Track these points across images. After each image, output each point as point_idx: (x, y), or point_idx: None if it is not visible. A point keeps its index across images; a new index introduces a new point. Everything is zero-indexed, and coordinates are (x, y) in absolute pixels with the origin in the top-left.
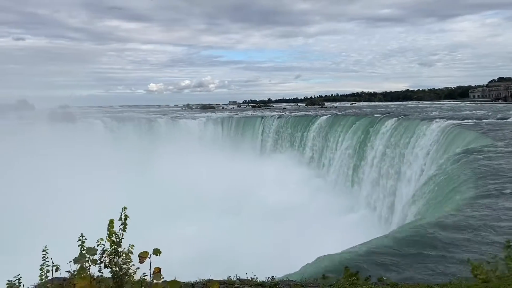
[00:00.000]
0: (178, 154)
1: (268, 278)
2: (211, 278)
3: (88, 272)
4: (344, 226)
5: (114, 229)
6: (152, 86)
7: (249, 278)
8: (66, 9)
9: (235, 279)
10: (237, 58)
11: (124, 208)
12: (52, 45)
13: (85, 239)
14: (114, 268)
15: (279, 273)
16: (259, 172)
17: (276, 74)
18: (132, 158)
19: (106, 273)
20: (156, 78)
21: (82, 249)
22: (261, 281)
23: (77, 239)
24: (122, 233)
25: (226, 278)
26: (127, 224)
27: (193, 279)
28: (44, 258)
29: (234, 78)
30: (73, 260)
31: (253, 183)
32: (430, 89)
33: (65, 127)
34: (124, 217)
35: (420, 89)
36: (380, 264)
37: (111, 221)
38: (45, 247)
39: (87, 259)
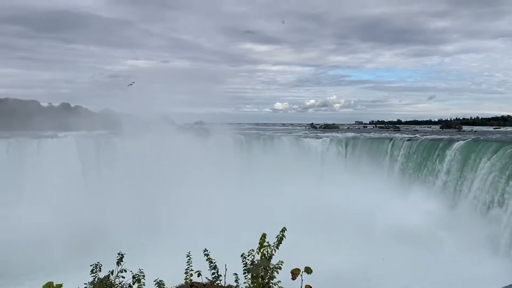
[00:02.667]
0: (300, 173)
1: None
2: None
3: (260, 280)
4: (478, 264)
5: (266, 243)
6: (278, 105)
7: None
8: (206, 35)
9: None
10: (365, 78)
11: (284, 229)
12: (192, 67)
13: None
14: (261, 281)
15: None
16: (384, 196)
17: (407, 94)
18: (257, 172)
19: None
20: (282, 98)
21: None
22: None
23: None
24: (275, 249)
25: None
26: (281, 243)
27: None
28: (188, 263)
29: (361, 97)
30: (248, 270)
31: (377, 207)
32: None
33: (199, 141)
34: (281, 236)
35: None
36: None
37: (264, 235)
38: (189, 253)
39: (261, 268)
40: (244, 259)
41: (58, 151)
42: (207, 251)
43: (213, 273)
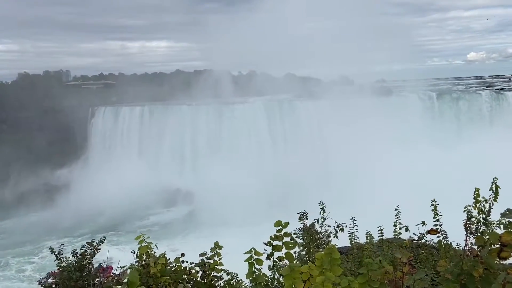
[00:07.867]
0: (500, 132)
1: None
2: None
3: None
4: None
5: (480, 198)
6: (472, 56)
7: None
8: None
9: None
10: None
11: (495, 179)
12: (373, 23)
13: (437, 204)
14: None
15: None
16: None
17: None
18: (445, 131)
19: None
20: (477, 47)
21: (435, 213)
22: None
23: (430, 204)
24: (492, 203)
25: None
26: (498, 194)
27: None
28: (397, 216)
29: None
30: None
31: None
32: None
33: (381, 101)
34: (495, 187)
35: None
36: None
37: (477, 190)
38: (398, 206)
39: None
40: (436, 215)
41: (249, 115)
42: (435, 201)
43: (435, 224)
